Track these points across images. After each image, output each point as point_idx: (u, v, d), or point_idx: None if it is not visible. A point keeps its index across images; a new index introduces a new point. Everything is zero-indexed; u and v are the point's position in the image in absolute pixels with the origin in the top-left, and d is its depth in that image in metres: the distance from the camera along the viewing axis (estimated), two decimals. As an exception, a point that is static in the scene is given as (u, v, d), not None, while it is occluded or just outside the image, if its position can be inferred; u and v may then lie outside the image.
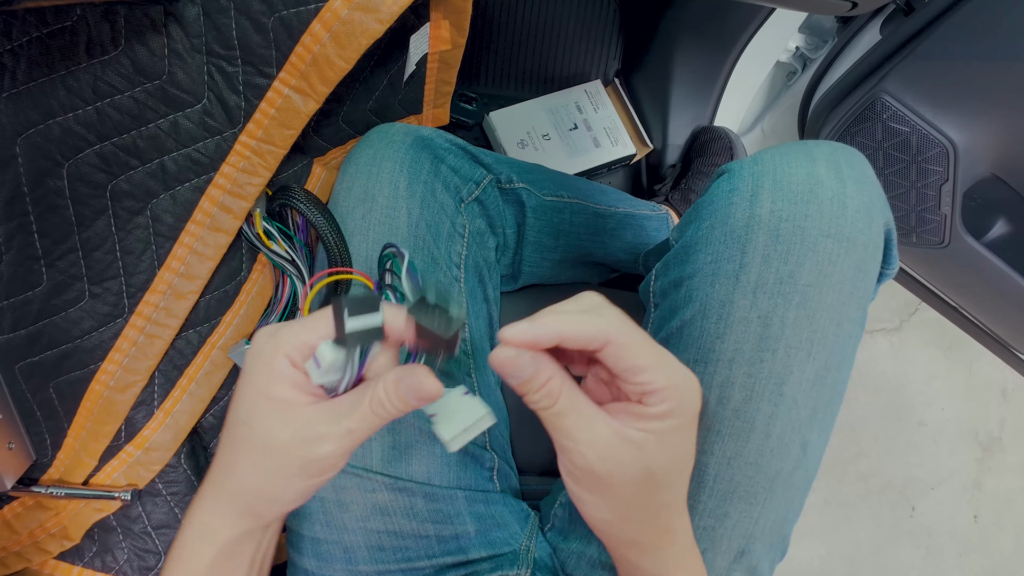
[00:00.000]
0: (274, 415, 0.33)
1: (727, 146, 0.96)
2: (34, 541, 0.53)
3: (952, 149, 0.72)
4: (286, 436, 0.33)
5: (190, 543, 0.37)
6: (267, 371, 0.33)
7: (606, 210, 0.76)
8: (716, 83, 0.98)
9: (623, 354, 0.33)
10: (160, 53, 0.41)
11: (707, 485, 0.47)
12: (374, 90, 0.57)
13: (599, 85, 1.06)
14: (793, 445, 0.46)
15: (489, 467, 0.56)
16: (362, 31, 0.42)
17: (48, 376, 0.48)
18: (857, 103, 0.77)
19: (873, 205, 0.46)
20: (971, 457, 1.41)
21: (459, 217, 0.58)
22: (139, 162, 0.45)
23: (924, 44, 0.69)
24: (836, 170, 0.46)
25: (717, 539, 0.47)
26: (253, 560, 0.38)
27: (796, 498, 0.49)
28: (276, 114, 0.45)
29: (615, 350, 0.33)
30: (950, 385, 1.42)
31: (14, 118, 0.39)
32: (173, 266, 0.48)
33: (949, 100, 0.70)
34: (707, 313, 0.48)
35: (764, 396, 0.45)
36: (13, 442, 0.48)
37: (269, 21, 0.41)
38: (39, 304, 0.45)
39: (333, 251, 0.51)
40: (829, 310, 0.45)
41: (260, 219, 0.50)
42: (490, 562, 0.52)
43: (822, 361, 0.46)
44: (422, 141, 0.56)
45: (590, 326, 0.33)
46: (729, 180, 0.49)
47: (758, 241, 0.46)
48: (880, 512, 1.35)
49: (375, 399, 0.33)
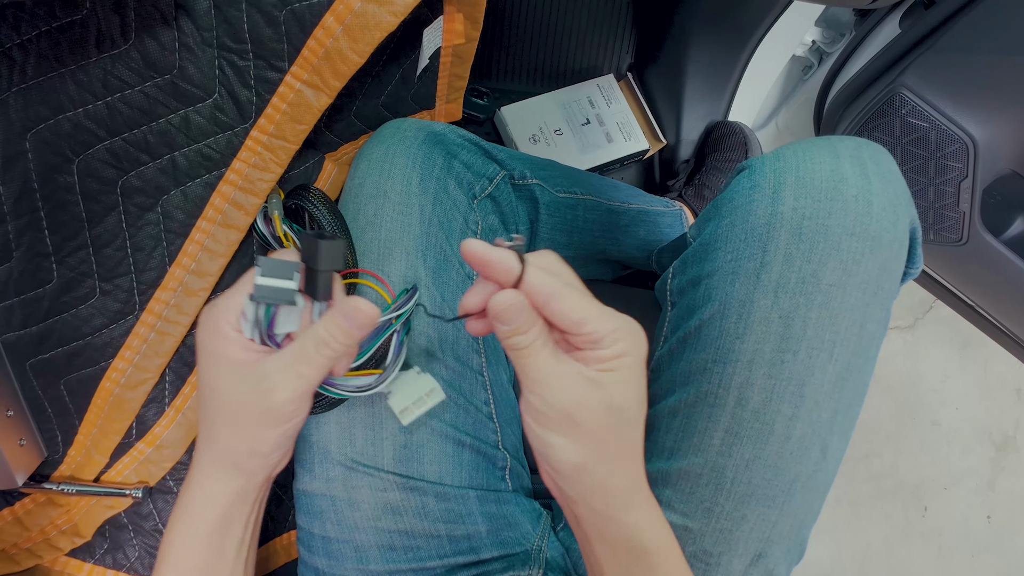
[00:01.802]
0: (231, 375, 0.37)
1: (741, 141, 0.95)
2: (45, 538, 0.53)
3: (972, 145, 0.71)
4: (244, 391, 0.36)
5: (191, 506, 0.40)
6: (215, 337, 0.37)
7: (619, 206, 0.75)
8: (730, 77, 0.96)
9: (564, 307, 0.35)
10: (170, 47, 0.41)
11: (725, 487, 0.46)
12: (387, 85, 0.57)
13: (612, 80, 1.05)
14: (813, 448, 0.46)
15: (501, 466, 0.56)
16: (375, 24, 0.41)
17: (59, 373, 0.48)
18: (875, 98, 0.76)
19: (899, 203, 0.45)
20: (985, 457, 1.40)
21: (472, 214, 0.57)
22: (149, 158, 0.44)
23: (944, 38, 0.68)
24: (861, 166, 0.45)
25: (734, 542, 0.46)
26: (248, 518, 0.42)
27: (815, 501, 0.48)
28: (288, 109, 0.45)
29: (558, 307, 0.35)
30: (965, 384, 1.41)
31: (23, 113, 0.39)
32: (184, 263, 0.48)
33: (969, 95, 0.69)
34: (726, 312, 0.47)
35: (784, 398, 0.45)
36: (24, 439, 0.47)
37: (281, 14, 0.41)
38: (49, 301, 0.45)
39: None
40: (852, 310, 0.44)
41: (280, 222, 0.50)
42: (502, 562, 0.52)
43: (844, 363, 0.45)
44: (435, 137, 0.56)
45: (536, 279, 0.35)
46: (750, 177, 0.48)
47: (780, 239, 0.45)
48: (892, 512, 1.34)
49: (318, 339, 0.36)
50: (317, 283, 0.37)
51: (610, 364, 0.35)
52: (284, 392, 0.36)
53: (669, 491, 0.48)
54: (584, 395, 0.35)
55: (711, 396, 0.47)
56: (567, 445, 0.36)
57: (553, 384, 0.35)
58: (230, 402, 0.37)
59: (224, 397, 0.37)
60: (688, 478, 0.47)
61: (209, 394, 0.38)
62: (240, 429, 0.38)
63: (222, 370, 0.37)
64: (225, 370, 0.37)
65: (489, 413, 0.55)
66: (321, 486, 0.50)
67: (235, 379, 0.37)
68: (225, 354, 0.37)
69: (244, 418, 0.37)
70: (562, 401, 0.35)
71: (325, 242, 0.36)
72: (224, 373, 0.37)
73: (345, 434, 0.50)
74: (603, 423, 0.35)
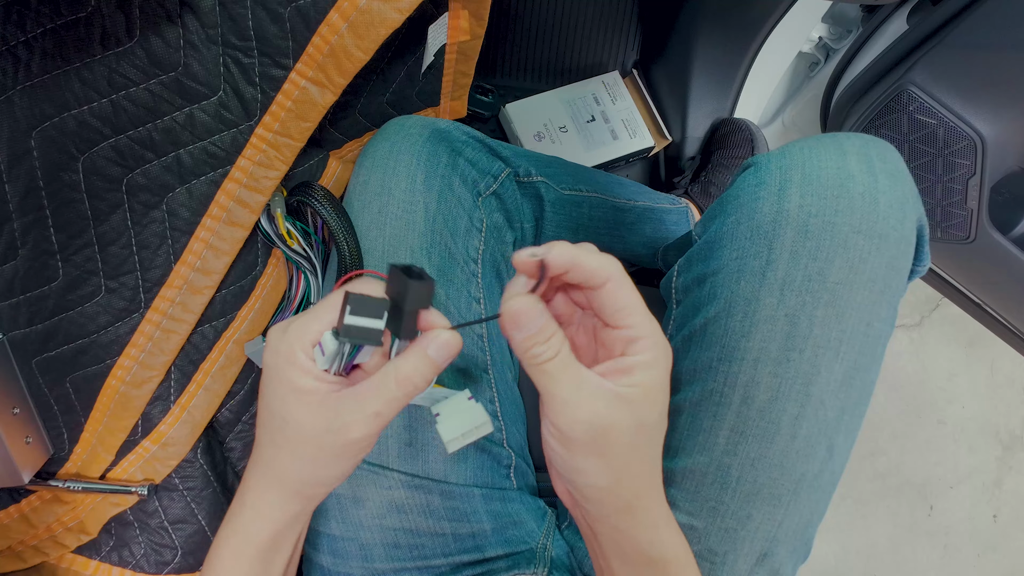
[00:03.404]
0: (303, 407, 0.34)
1: (748, 138, 0.95)
2: (51, 535, 0.54)
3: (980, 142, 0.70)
4: (318, 426, 0.34)
5: (245, 526, 0.38)
6: (289, 365, 0.35)
7: (625, 204, 0.75)
8: (736, 74, 0.96)
9: (620, 293, 0.34)
10: (175, 44, 0.41)
11: (730, 486, 0.46)
12: (391, 82, 0.57)
13: (617, 76, 1.04)
14: (819, 447, 0.45)
15: (506, 464, 0.56)
16: (380, 21, 0.41)
17: (65, 371, 0.48)
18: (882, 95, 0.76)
19: (906, 200, 0.45)
20: (991, 456, 1.39)
21: (477, 211, 0.57)
22: (155, 155, 0.44)
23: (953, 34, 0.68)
24: (868, 164, 0.45)
25: (739, 541, 0.46)
26: (298, 539, 0.41)
27: (821, 501, 0.48)
28: (293, 106, 0.44)
29: (613, 288, 0.33)
30: (971, 382, 1.40)
31: (29, 111, 0.39)
32: (189, 260, 0.48)
33: (978, 92, 0.69)
34: (732, 311, 0.47)
35: (790, 396, 0.44)
36: (31, 436, 0.48)
37: (286, 11, 0.41)
38: (55, 299, 0.45)
39: (344, 250, 0.50)
40: (859, 309, 0.44)
41: (283, 220, 0.50)
42: (507, 560, 0.52)
43: (851, 361, 0.45)
44: (439, 134, 0.55)
45: (598, 261, 0.33)
46: (756, 174, 0.48)
47: (786, 237, 0.45)
48: (898, 510, 1.33)
49: (401, 376, 0.34)
50: (402, 322, 0.34)
51: (639, 378, 0.33)
52: (360, 430, 0.34)
53: (674, 490, 0.48)
54: (613, 415, 0.33)
55: (716, 395, 0.47)
56: (595, 469, 0.34)
57: (582, 404, 0.33)
58: (300, 434, 0.35)
59: (295, 428, 0.35)
60: (693, 477, 0.47)
61: (278, 423, 0.35)
62: (307, 462, 0.36)
63: (294, 400, 0.35)
64: (297, 401, 0.35)
65: (494, 411, 0.55)
66: (326, 484, 0.50)
67: (308, 412, 0.35)
68: (299, 384, 0.34)
69: (313, 452, 0.35)
70: (592, 422, 0.33)
71: (415, 282, 0.34)
72: (296, 404, 0.35)
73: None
74: (632, 444, 0.34)
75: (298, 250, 0.52)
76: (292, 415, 0.35)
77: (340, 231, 0.50)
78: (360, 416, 0.34)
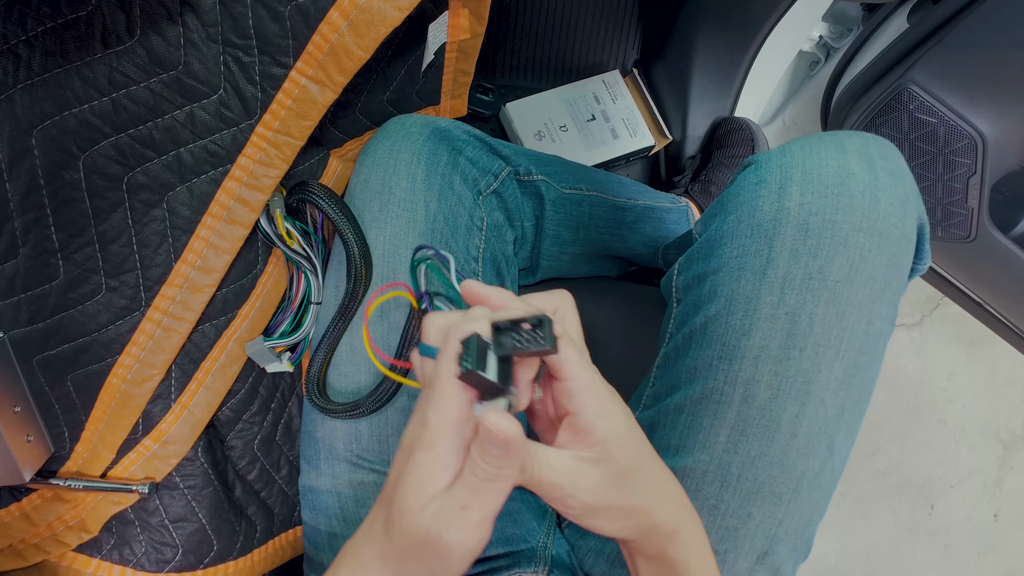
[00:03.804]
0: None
1: (748, 137, 0.95)
2: (52, 533, 0.54)
3: (981, 141, 0.70)
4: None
5: None
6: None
7: (625, 203, 0.75)
8: (737, 73, 0.96)
9: (578, 397, 0.33)
10: (176, 43, 0.41)
11: (731, 485, 0.46)
12: (392, 80, 0.57)
13: (617, 75, 1.04)
14: (819, 445, 0.45)
15: (506, 463, 0.56)
16: (381, 19, 0.41)
17: (65, 370, 0.48)
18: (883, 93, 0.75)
19: (907, 198, 0.45)
20: (992, 455, 1.39)
21: (477, 210, 0.57)
22: (155, 154, 0.44)
23: (953, 33, 0.68)
24: (868, 162, 0.45)
25: (739, 539, 0.46)
26: None
27: (821, 499, 0.48)
28: (293, 105, 0.44)
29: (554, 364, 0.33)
30: (972, 382, 1.40)
31: (30, 110, 0.39)
32: (190, 259, 0.48)
33: (979, 90, 0.69)
34: (732, 309, 0.47)
35: (791, 395, 0.44)
36: (32, 435, 0.48)
37: (286, 9, 0.41)
38: (56, 298, 0.45)
39: (352, 246, 0.50)
40: (859, 307, 0.44)
41: (282, 220, 0.50)
42: (507, 559, 0.52)
43: (851, 359, 0.45)
44: (440, 133, 0.55)
45: (515, 302, 0.33)
46: (756, 172, 0.48)
47: (786, 235, 0.45)
48: (898, 509, 1.33)
49: (474, 466, 0.30)
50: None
51: (600, 435, 0.33)
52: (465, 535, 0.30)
53: (675, 488, 0.48)
54: (597, 482, 0.33)
55: (717, 393, 0.47)
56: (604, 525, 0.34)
57: (567, 483, 0.32)
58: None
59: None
60: (693, 475, 0.47)
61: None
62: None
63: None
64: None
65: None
66: (327, 482, 0.51)
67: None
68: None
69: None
70: (580, 499, 0.32)
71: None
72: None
73: (351, 431, 0.50)
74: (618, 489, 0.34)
75: (298, 250, 0.52)
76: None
77: (344, 224, 0.50)
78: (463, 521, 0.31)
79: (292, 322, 0.54)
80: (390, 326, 0.51)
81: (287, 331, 0.54)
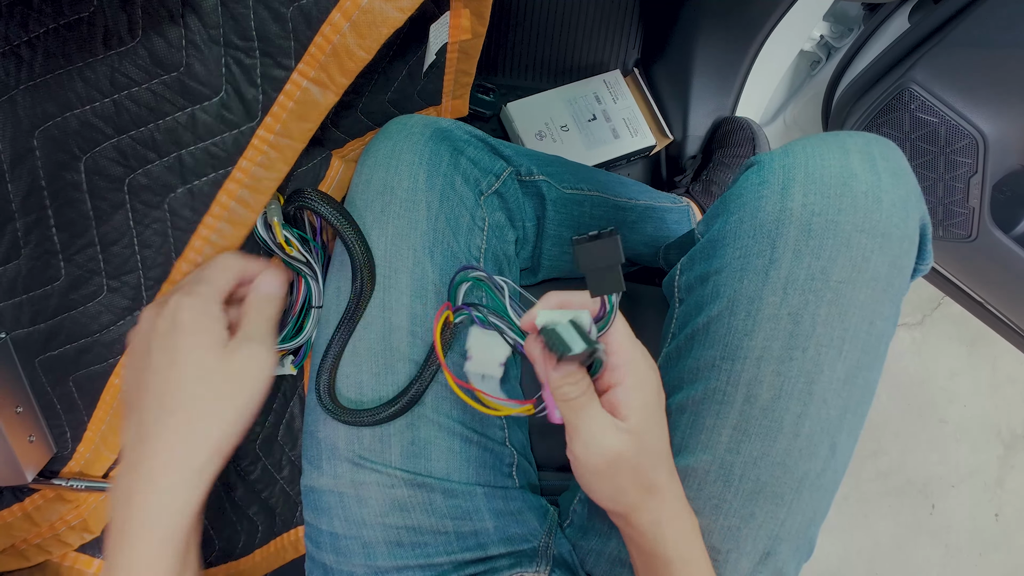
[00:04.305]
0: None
1: (749, 137, 0.95)
2: (54, 533, 0.54)
3: (982, 140, 0.70)
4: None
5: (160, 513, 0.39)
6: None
7: (626, 203, 0.75)
8: (738, 73, 0.96)
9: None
10: (177, 44, 0.41)
11: (733, 484, 0.46)
12: (393, 81, 0.57)
13: (618, 75, 1.04)
14: (822, 445, 0.45)
15: (508, 463, 0.56)
16: (383, 20, 0.41)
17: (67, 370, 0.48)
18: (884, 93, 0.75)
19: (909, 199, 0.45)
20: (993, 455, 1.39)
21: (479, 210, 0.57)
22: (157, 156, 0.44)
23: (954, 32, 0.68)
24: (871, 162, 0.45)
25: (742, 539, 0.46)
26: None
27: (823, 499, 0.48)
28: (294, 107, 0.44)
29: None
30: (973, 381, 1.40)
31: (31, 111, 0.39)
32: (191, 258, 0.48)
33: (979, 90, 0.69)
34: (735, 309, 0.47)
35: (793, 395, 0.44)
36: (34, 435, 0.48)
37: (288, 11, 0.41)
38: (57, 299, 0.45)
39: (355, 250, 0.50)
40: (862, 307, 0.44)
41: (280, 228, 0.49)
42: (509, 558, 0.52)
43: (853, 360, 0.45)
44: (441, 133, 0.55)
45: (580, 299, 0.42)
46: (759, 172, 0.48)
47: (789, 236, 0.45)
48: (900, 509, 1.33)
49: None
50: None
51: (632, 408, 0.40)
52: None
53: (677, 488, 0.48)
54: (621, 448, 0.40)
55: (719, 393, 0.47)
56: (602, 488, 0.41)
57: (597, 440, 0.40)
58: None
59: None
60: (696, 475, 0.47)
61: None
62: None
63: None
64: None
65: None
66: (329, 482, 0.51)
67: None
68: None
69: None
70: (604, 455, 0.40)
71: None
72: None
73: (353, 431, 0.50)
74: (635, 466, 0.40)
75: (297, 256, 0.52)
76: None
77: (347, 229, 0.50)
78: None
79: (294, 326, 0.54)
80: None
81: (289, 335, 0.54)
